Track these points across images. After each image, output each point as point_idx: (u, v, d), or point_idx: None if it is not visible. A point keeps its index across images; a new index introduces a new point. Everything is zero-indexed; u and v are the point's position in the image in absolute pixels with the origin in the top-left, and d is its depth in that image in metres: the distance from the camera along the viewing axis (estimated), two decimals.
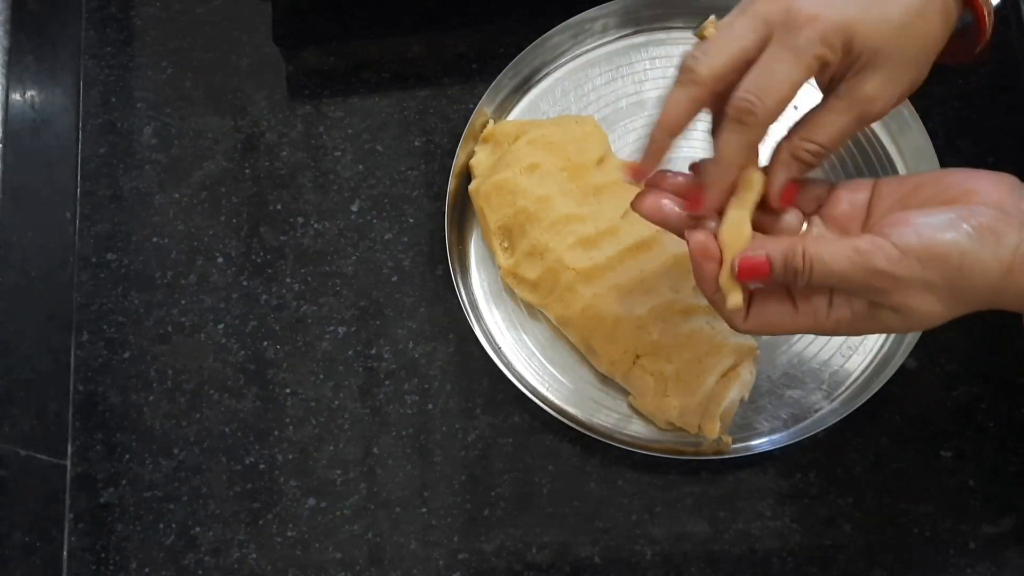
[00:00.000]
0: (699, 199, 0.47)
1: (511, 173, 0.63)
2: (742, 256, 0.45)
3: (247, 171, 0.69)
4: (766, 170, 0.48)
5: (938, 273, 0.43)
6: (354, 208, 0.68)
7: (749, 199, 0.47)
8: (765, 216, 0.48)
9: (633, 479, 0.61)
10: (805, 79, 0.45)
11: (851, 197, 0.48)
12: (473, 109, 0.66)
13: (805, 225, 0.49)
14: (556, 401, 0.62)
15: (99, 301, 0.67)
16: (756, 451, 0.60)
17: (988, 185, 0.45)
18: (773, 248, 0.45)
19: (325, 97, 0.70)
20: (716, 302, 0.47)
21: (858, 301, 0.45)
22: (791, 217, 0.48)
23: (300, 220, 0.68)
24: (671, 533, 0.60)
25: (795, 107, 0.47)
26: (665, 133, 0.47)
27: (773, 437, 0.60)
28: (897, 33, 0.45)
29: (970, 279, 0.43)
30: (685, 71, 0.46)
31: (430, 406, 0.63)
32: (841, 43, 0.44)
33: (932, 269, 0.42)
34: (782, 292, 0.47)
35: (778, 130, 0.48)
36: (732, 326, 0.48)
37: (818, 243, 0.44)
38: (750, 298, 0.47)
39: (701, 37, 0.48)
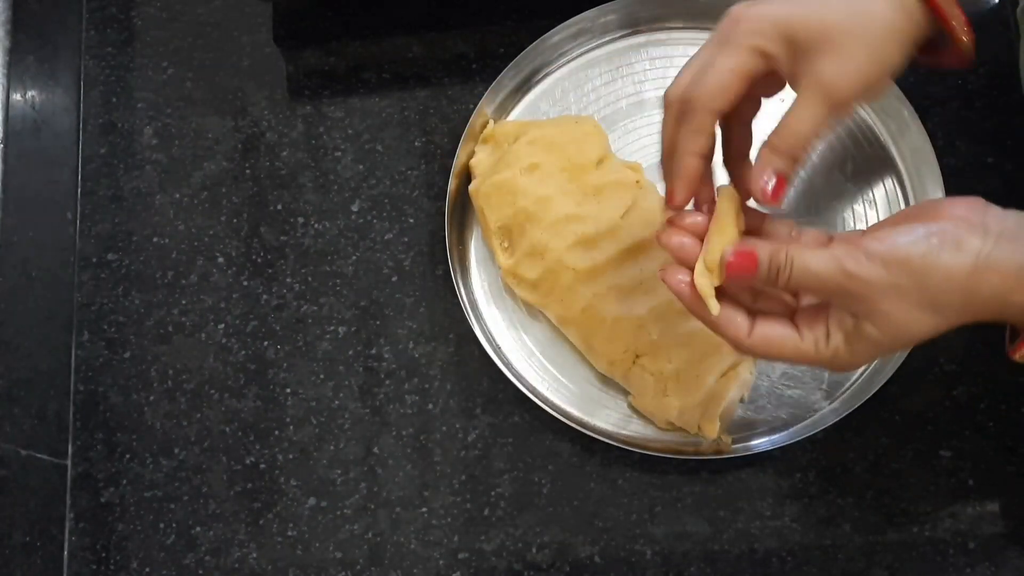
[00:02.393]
0: (670, 195, 0.50)
1: (511, 173, 0.63)
2: (735, 247, 0.47)
3: (247, 171, 0.69)
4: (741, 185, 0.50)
5: (904, 275, 0.44)
6: (354, 208, 0.68)
7: (730, 208, 0.49)
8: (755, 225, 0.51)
9: (633, 479, 0.61)
10: (743, 69, 0.47)
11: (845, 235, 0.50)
12: (473, 109, 0.66)
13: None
14: (556, 401, 0.62)
15: (100, 301, 0.67)
16: (756, 451, 0.60)
17: (956, 204, 0.47)
18: (761, 245, 0.47)
19: (325, 97, 0.70)
20: (713, 324, 0.49)
21: (847, 319, 0.47)
22: (783, 228, 0.50)
23: (300, 220, 0.68)
24: (671, 533, 0.60)
25: (782, 100, 0.50)
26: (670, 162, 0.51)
27: (773, 437, 0.60)
28: (843, 18, 0.47)
29: (934, 280, 0.44)
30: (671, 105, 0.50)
31: (430, 406, 0.63)
32: (779, 35, 0.47)
33: (897, 271, 0.44)
34: (786, 317, 0.49)
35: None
36: (735, 345, 0.49)
37: (801, 248, 0.46)
38: (754, 318, 0.49)
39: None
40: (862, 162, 0.65)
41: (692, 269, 0.49)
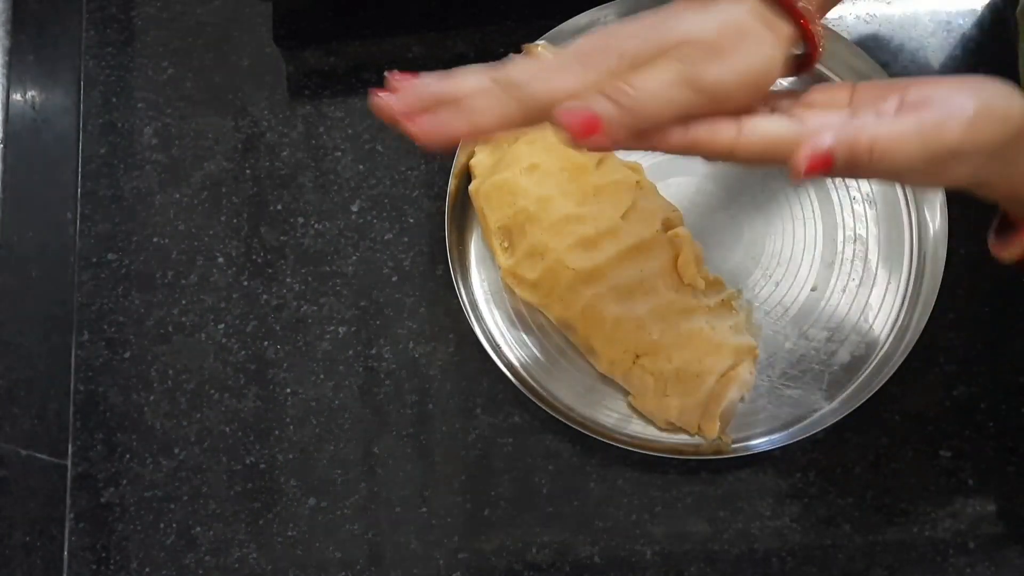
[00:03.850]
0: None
1: (511, 173, 0.63)
2: (809, 150, 0.40)
3: (247, 171, 0.69)
4: None
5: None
6: (354, 208, 0.68)
7: None
8: None
9: (633, 479, 0.61)
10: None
11: (830, 93, 0.45)
12: None
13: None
14: (556, 401, 0.62)
15: (100, 301, 0.67)
16: (756, 451, 0.60)
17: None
18: (831, 137, 0.40)
19: (325, 97, 0.70)
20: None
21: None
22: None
23: (300, 220, 0.68)
24: (671, 533, 0.60)
25: None
26: None
27: (773, 437, 0.60)
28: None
29: (997, 126, 0.41)
30: None
31: (430, 406, 0.63)
32: None
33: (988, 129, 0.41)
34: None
35: None
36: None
37: (876, 125, 0.41)
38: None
39: None
40: None
41: None
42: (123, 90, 0.72)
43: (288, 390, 0.64)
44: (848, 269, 0.63)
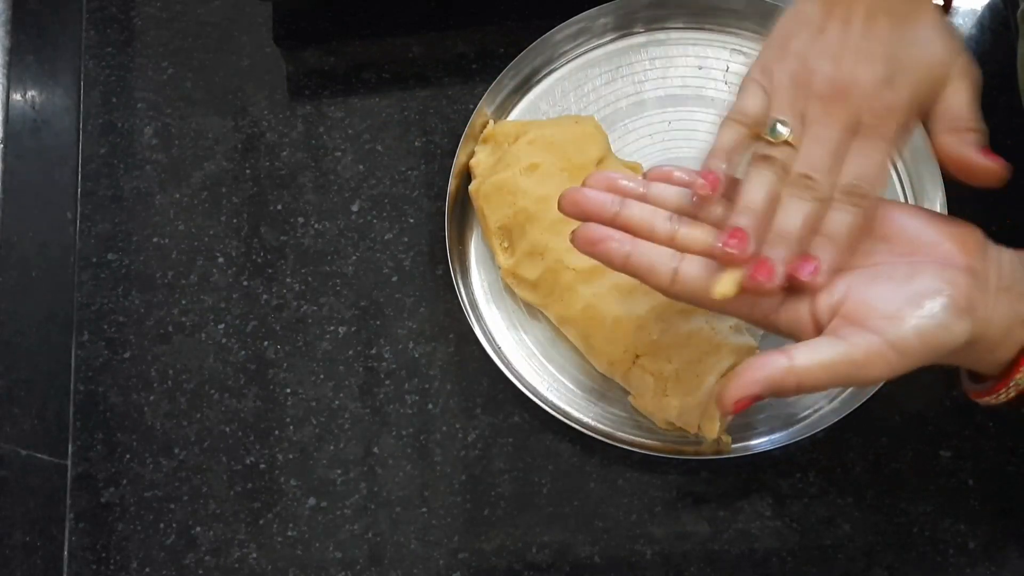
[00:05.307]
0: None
1: (511, 173, 0.63)
2: (734, 388, 0.44)
3: (247, 171, 0.69)
4: None
5: (913, 352, 0.44)
6: (354, 208, 0.68)
7: None
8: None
9: (633, 479, 0.61)
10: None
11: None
12: (473, 109, 0.66)
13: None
14: (556, 401, 0.62)
15: (100, 301, 0.67)
16: (756, 451, 0.60)
17: (947, 240, 0.45)
18: (759, 374, 0.44)
19: (325, 97, 0.70)
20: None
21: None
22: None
23: (300, 220, 0.68)
24: (671, 533, 0.60)
25: None
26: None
27: (773, 437, 0.60)
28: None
29: (940, 352, 0.44)
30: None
31: (430, 406, 0.63)
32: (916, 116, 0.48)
33: (925, 357, 0.44)
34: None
35: None
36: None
37: (807, 354, 0.44)
38: None
39: None
40: None
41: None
42: (123, 90, 0.72)
43: (288, 390, 0.64)
44: None
